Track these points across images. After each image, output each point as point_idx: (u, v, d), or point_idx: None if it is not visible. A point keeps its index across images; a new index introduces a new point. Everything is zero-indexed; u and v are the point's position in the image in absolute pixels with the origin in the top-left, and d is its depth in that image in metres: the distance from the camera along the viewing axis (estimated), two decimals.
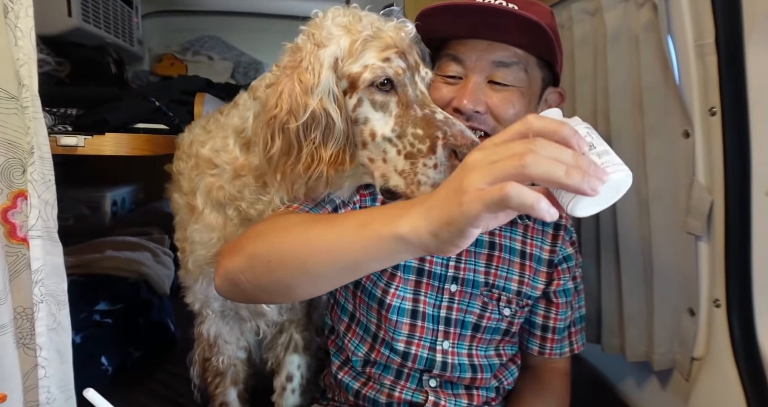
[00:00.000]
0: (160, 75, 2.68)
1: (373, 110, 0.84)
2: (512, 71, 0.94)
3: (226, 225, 1.04)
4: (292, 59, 0.86)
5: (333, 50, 0.84)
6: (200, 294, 1.17)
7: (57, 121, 1.17)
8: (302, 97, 0.81)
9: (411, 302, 1.05)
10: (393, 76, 0.83)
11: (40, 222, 0.80)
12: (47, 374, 0.82)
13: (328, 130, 0.82)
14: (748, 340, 1.06)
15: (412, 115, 0.83)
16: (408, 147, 0.81)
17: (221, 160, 1.01)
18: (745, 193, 1.02)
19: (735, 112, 1.01)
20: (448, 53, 0.98)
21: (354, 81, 0.84)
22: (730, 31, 0.98)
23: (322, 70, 0.82)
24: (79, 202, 2.53)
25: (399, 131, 0.82)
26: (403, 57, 0.85)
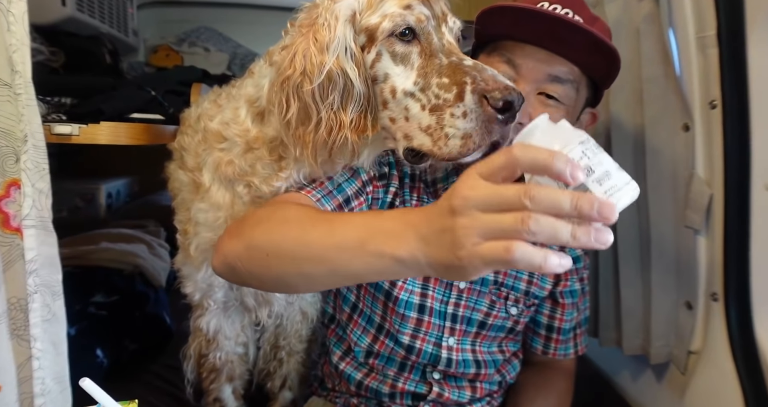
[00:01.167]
0: (156, 66, 2.65)
1: (393, 64, 0.77)
2: (565, 88, 0.91)
3: (234, 204, 0.97)
4: (308, 16, 0.80)
5: (350, 2, 0.77)
6: (202, 284, 1.10)
7: (51, 110, 1.15)
8: (317, 56, 0.74)
9: (419, 296, 1.04)
10: (414, 23, 0.75)
11: (34, 211, 0.79)
12: (42, 365, 0.81)
13: (347, 91, 0.75)
14: (745, 334, 1.06)
15: (437, 64, 0.75)
16: (433, 99, 0.73)
17: (231, 132, 0.94)
18: (745, 187, 1.02)
19: (735, 106, 1.00)
20: (502, 53, 0.93)
21: (372, 33, 0.76)
22: (732, 23, 0.97)
23: (338, 24, 0.76)
24: (74, 194, 2.51)
25: (422, 83, 0.75)
26: (427, 4, 0.77)
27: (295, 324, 1.29)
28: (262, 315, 1.17)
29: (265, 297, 1.13)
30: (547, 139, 0.52)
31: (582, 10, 0.92)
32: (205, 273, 1.07)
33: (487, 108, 0.69)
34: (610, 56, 0.89)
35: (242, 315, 1.23)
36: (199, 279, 1.09)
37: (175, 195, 1.12)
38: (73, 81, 1.40)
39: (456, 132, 0.70)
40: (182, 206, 1.09)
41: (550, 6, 0.91)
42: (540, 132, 0.54)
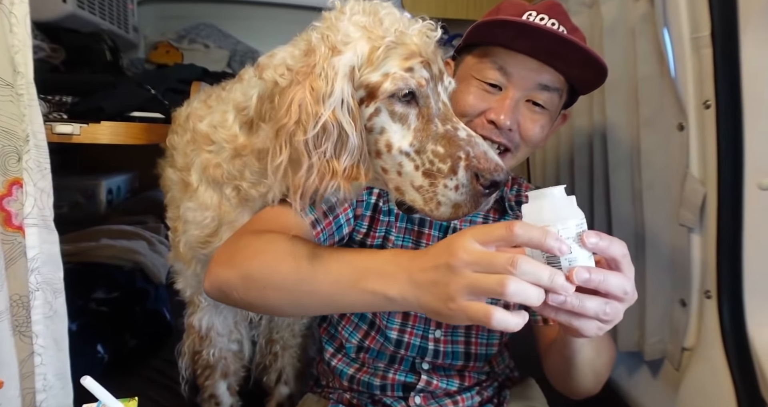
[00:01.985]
0: (156, 63, 2.65)
1: (391, 121, 0.78)
2: (552, 96, 0.97)
3: (222, 204, 0.99)
4: (304, 63, 0.79)
5: (349, 58, 0.77)
6: (192, 280, 1.12)
7: (52, 109, 1.16)
8: (313, 106, 0.75)
9: None
10: (416, 87, 0.77)
11: (36, 210, 0.80)
12: (43, 361, 0.83)
13: (341, 141, 0.76)
14: (738, 331, 1.07)
15: (432, 130, 0.78)
16: (427, 164, 0.76)
17: (219, 136, 0.95)
18: (738, 186, 1.03)
19: (729, 106, 1.01)
20: (494, 60, 0.96)
21: (373, 91, 0.77)
22: (726, 24, 0.98)
23: (336, 79, 0.76)
24: (75, 190, 2.51)
25: (418, 146, 0.77)
26: (427, 66, 0.79)
27: (287, 319, 1.31)
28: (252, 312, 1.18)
29: None
30: (554, 210, 0.62)
31: (566, 20, 0.96)
32: (194, 270, 1.09)
33: (476, 186, 0.74)
34: (600, 71, 0.93)
35: (234, 311, 1.24)
36: (188, 275, 1.12)
37: (166, 192, 1.14)
38: (73, 79, 1.41)
39: (448, 201, 0.75)
40: (172, 204, 1.11)
41: (537, 16, 0.94)
42: (552, 201, 0.63)
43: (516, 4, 1.00)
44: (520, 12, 0.96)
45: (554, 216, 0.62)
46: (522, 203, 1.12)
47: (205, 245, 1.04)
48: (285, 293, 0.78)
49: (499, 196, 0.89)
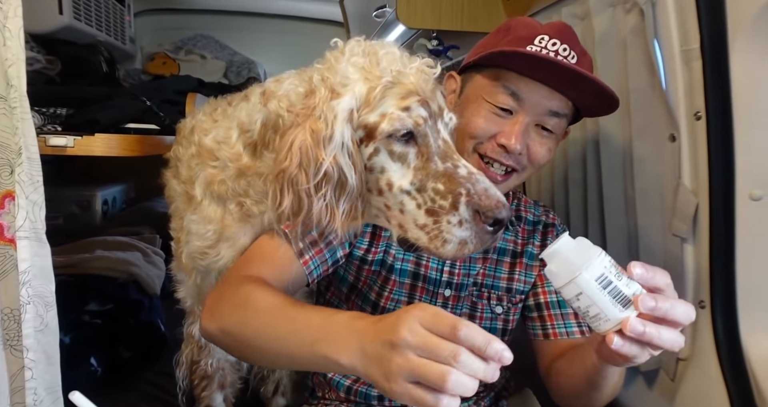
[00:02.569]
0: (152, 74, 2.66)
1: (391, 161, 0.78)
2: (560, 121, 0.98)
3: (224, 218, 1.00)
4: (305, 105, 0.79)
5: (348, 101, 0.77)
6: (192, 290, 1.13)
7: (46, 121, 1.16)
8: (314, 149, 0.75)
9: (405, 305, 1.06)
10: (413, 127, 0.77)
11: (28, 223, 0.80)
12: (34, 376, 0.82)
13: (341, 185, 0.76)
14: (732, 341, 1.07)
15: (432, 169, 0.77)
16: (429, 202, 0.76)
17: (223, 154, 0.96)
18: (730, 196, 1.04)
19: (719, 117, 1.02)
20: (507, 85, 0.96)
21: (371, 131, 0.77)
22: (715, 37, 0.99)
23: (336, 122, 0.76)
24: (70, 200, 2.52)
25: (419, 185, 0.77)
26: (425, 104, 0.78)
27: None
28: None
29: None
30: (575, 260, 0.65)
31: (576, 44, 0.97)
32: (194, 280, 1.10)
33: (479, 223, 0.73)
34: (611, 102, 0.95)
35: None
36: (189, 285, 1.13)
37: (170, 203, 1.15)
38: (68, 91, 1.42)
39: (453, 238, 0.74)
40: (176, 215, 1.11)
41: (550, 40, 0.95)
42: (567, 253, 0.66)
43: (527, 24, 1.00)
44: (533, 34, 0.96)
45: (577, 265, 0.64)
46: (521, 217, 1.13)
47: (203, 256, 1.04)
48: (256, 350, 0.80)
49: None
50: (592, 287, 0.64)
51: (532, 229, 1.13)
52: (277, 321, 0.78)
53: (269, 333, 0.77)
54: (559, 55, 0.94)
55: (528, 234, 1.12)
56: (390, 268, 1.07)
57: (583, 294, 0.65)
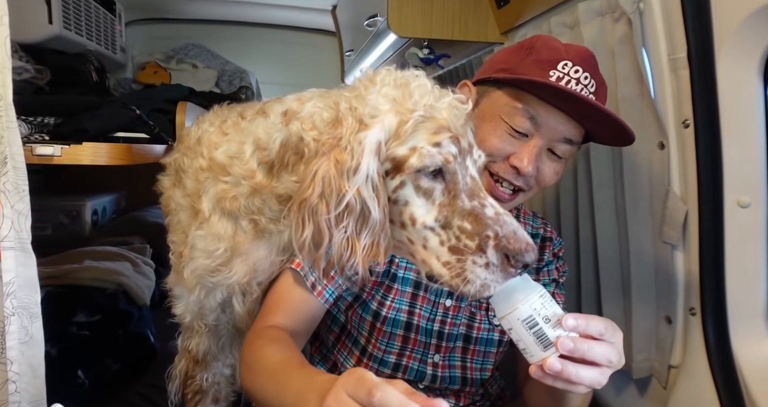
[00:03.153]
0: (143, 83, 2.66)
1: (416, 196, 0.76)
2: (572, 148, 0.99)
3: (236, 235, 0.98)
4: (331, 135, 0.77)
5: (377, 133, 0.75)
6: (194, 306, 1.10)
7: (34, 130, 1.15)
8: (337, 180, 0.73)
9: (406, 314, 1.06)
10: (443, 163, 0.75)
11: (13, 233, 0.79)
12: (18, 389, 0.80)
13: (363, 217, 0.74)
14: (723, 347, 1.08)
15: (459, 206, 0.75)
16: (453, 240, 0.74)
17: (236, 170, 0.94)
18: (718, 203, 1.04)
19: (707, 124, 1.03)
20: (527, 109, 0.95)
21: (399, 164, 0.75)
22: (702, 45, 1.00)
23: (363, 155, 0.74)
24: (59, 210, 2.48)
25: (443, 222, 0.75)
26: (456, 141, 0.76)
27: None
28: None
29: None
30: (515, 293, 0.73)
31: (596, 73, 0.97)
32: (197, 296, 1.06)
33: (507, 266, 0.72)
34: (626, 137, 0.95)
35: (233, 336, 1.22)
36: (191, 301, 1.09)
37: (169, 212, 1.11)
38: (56, 100, 1.40)
39: (476, 279, 0.72)
40: (178, 228, 1.07)
41: (572, 67, 0.94)
42: (510, 285, 0.73)
43: (551, 47, 0.98)
44: (557, 59, 0.95)
45: (512, 303, 0.72)
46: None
47: (215, 274, 1.01)
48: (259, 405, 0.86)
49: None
50: (519, 326, 0.72)
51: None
52: (268, 383, 0.82)
53: (264, 394, 0.83)
54: (581, 84, 0.94)
55: None
56: (393, 277, 1.07)
57: (513, 330, 0.73)
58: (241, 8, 2.90)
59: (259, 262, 1.01)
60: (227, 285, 1.03)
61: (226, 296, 1.07)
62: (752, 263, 1.05)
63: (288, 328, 1.00)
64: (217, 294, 1.06)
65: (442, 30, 1.88)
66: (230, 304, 1.09)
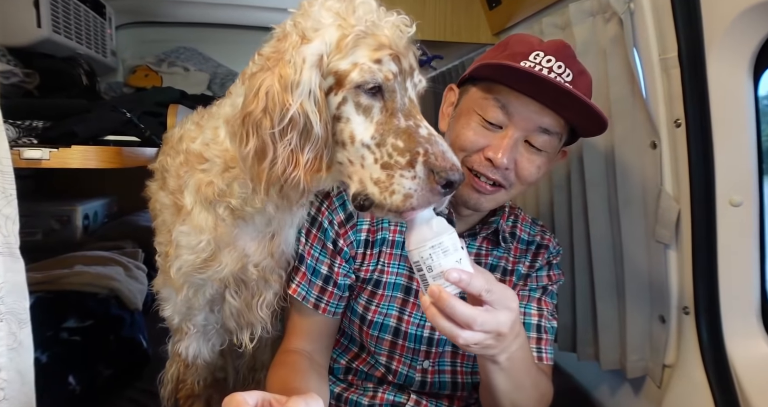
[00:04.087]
0: (134, 86, 2.64)
1: (356, 113, 0.79)
2: (551, 139, 0.97)
3: (217, 226, 0.97)
4: (275, 50, 0.79)
5: (317, 46, 0.77)
6: (182, 307, 1.09)
7: (22, 134, 1.13)
8: (281, 94, 0.75)
9: (395, 320, 1.05)
10: (382, 81, 0.77)
11: (1, 238, 0.77)
12: (6, 396, 0.79)
13: (306, 132, 0.76)
14: (716, 346, 1.08)
15: (394, 125, 0.77)
16: (386, 157, 0.77)
17: (211, 152, 0.95)
18: (710, 202, 1.05)
19: (698, 124, 1.04)
20: (497, 98, 0.96)
21: (341, 79, 0.77)
22: (692, 45, 1.01)
23: (304, 68, 0.76)
24: (49, 215, 2.44)
25: (378, 139, 0.77)
26: (396, 60, 0.78)
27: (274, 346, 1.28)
28: (244, 338, 1.13)
29: (248, 320, 1.11)
30: (429, 231, 0.75)
31: (573, 63, 0.96)
32: (185, 295, 1.05)
33: (432, 182, 0.74)
34: (600, 122, 0.94)
35: (222, 338, 1.20)
36: (179, 301, 1.07)
37: (156, 216, 1.10)
38: (45, 104, 1.38)
39: (401, 189, 0.75)
40: (163, 228, 1.07)
41: (545, 57, 0.94)
42: (426, 224, 0.75)
43: (525, 41, 1.00)
44: (528, 50, 0.96)
45: (429, 235, 0.74)
46: (515, 235, 1.12)
47: (205, 269, 1.01)
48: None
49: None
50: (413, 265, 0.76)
51: (524, 249, 1.12)
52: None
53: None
54: (553, 72, 0.93)
55: (520, 253, 1.11)
56: (377, 283, 1.06)
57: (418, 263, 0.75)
58: (232, 11, 2.88)
59: (247, 246, 1.00)
60: (219, 279, 1.02)
61: (214, 292, 1.06)
62: (744, 262, 1.06)
63: (306, 349, 1.05)
64: (207, 290, 1.05)
65: (434, 31, 1.88)
66: (218, 302, 1.08)
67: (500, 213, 1.09)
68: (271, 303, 1.07)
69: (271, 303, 1.07)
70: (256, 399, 0.66)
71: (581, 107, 0.91)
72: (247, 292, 1.06)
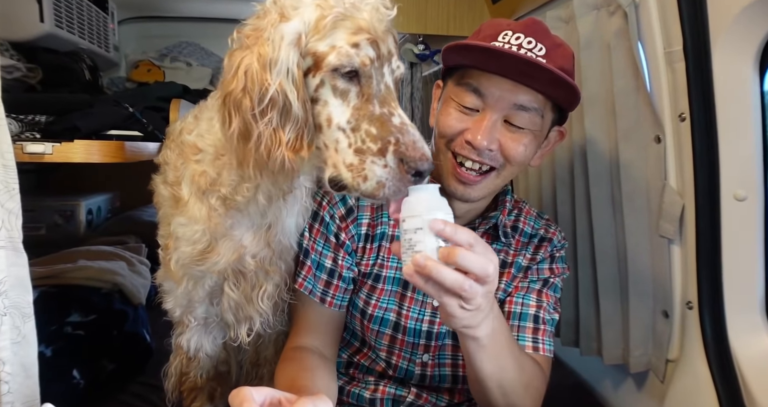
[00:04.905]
0: (137, 81, 2.64)
1: (333, 96, 0.79)
2: (530, 116, 0.95)
3: (211, 217, 0.97)
4: (254, 28, 0.79)
5: (296, 25, 0.77)
6: (182, 299, 1.09)
7: (24, 129, 1.13)
8: (260, 73, 0.76)
9: (395, 314, 1.06)
10: (359, 66, 0.77)
11: (4, 232, 0.77)
12: (11, 389, 0.79)
13: (286, 111, 0.77)
14: (720, 341, 1.08)
15: (369, 111, 0.78)
16: (359, 142, 0.77)
17: (204, 142, 0.96)
18: (715, 197, 1.04)
19: (703, 118, 1.03)
20: (469, 83, 0.95)
21: (319, 61, 0.78)
22: (698, 38, 1.00)
23: (282, 45, 0.76)
24: (53, 210, 2.46)
25: (354, 124, 0.78)
26: (374, 45, 0.78)
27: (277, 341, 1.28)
28: (241, 332, 1.13)
29: (246, 313, 1.10)
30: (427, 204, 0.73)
31: (545, 37, 0.95)
32: (185, 287, 1.06)
33: (402, 171, 0.75)
34: (571, 89, 0.92)
35: (223, 332, 1.21)
36: (179, 294, 1.08)
37: (158, 209, 1.11)
38: (48, 98, 1.39)
39: (373, 176, 0.76)
40: (164, 221, 1.08)
41: (513, 35, 0.93)
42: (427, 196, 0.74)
43: (495, 24, 0.99)
44: (497, 32, 0.95)
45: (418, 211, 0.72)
46: (517, 228, 1.10)
47: (203, 261, 1.01)
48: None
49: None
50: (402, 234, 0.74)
51: (527, 242, 1.10)
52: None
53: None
54: (523, 48, 0.92)
55: (522, 246, 1.10)
56: (377, 278, 1.06)
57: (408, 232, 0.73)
58: (234, 6, 2.87)
59: (244, 237, 1.00)
60: (217, 271, 1.02)
61: (213, 284, 1.06)
62: (749, 256, 1.05)
63: (314, 344, 1.04)
64: (206, 282, 1.05)
65: (437, 25, 1.88)
66: (218, 295, 1.08)
67: (501, 208, 1.08)
68: (272, 295, 1.06)
69: (272, 294, 1.06)
70: (264, 396, 0.66)
71: (551, 77, 0.89)
72: (246, 284, 1.06)
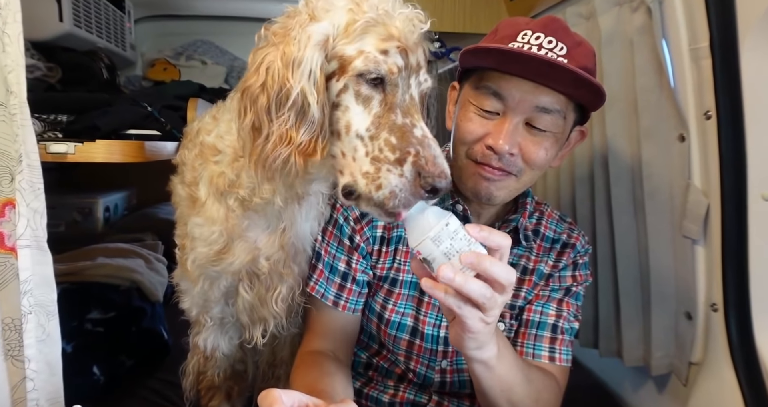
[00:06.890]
0: (153, 80, 2.66)
1: (355, 102, 0.77)
2: (552, 118, 0.92)
3: (228, 218, 0.97)
4: (283, 26, 0.78)
5: (325, 26, 0.76)
6: (199, 299, 1.10)
7: (47, 128, 1.15)
8: (281, 71, 0.75)
9: (412, 319, 1.04)
10: (386, 73, 0.75)
11: (29, 231, 0.78)
12: (36, 387, 0.80)
13: (303, 113, 0.75)
14: (746, 344, 1.05)
15: (391, 120, 0.76)
16: (376, 151, 0.75)
17: (223, 143, 0.95)
18: (742, 197, 1.02)
19: (730, 116, 1.01)
20: (488, 86, 0.93)
21: (344, 64, 0.76)
22: (725, 34, 0.98)
23: (308, 45, 0.75)
24: (71, 208, 2.50)
25: (373, 132, 0.76)
26: (404, 54, 0.76)
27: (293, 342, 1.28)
28: (256, 333, 1.12)
29: (260, 315, 1.10)
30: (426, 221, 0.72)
31: (566, 36, 0.91)
32: (201, 287, 1.06)
33: (417, 185, 0.73)
34: (594, 89, 0.89)
35: (239, 332, 1.21)
36: (195, 293, 1.09)
37: (176, 208, 1.11)
38: (68, 97, 1.40)
39: (388, 185, 0.73)
40: (180, 220, 1.08)
41: (533, 35, 0.90)
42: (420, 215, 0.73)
43: (513, 23, 0.96)
44: (516, 32, 0.92)
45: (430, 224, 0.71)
46: (539, 233, 1.08)
47: (218, 262, 1.01)
48: None
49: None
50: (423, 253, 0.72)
51: (549, 248, 1.08)
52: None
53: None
54: (543, 48, 0.89)
55: (544, 251, 1.07)
56: (393, 282, 1.05)
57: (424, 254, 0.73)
58: (249, 4, 2.88)
59: (258, 238, 1.00)
60: (232, 272, 1.02)
61: (229, 285, 1.06)
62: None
63: (329, 348, 1.03)
64: (222, 283, 1.05)
65: (453, 23, 1.86)
66: (233, 296, 1.08)
67: (521, 211, 1.05)
68: (286, 298, 1.06)
69: (287, 297, 1.06)
70: (293, 400, 0.65)
71: (573, 78, 0.86)
72: (261, 286, 1.05)
